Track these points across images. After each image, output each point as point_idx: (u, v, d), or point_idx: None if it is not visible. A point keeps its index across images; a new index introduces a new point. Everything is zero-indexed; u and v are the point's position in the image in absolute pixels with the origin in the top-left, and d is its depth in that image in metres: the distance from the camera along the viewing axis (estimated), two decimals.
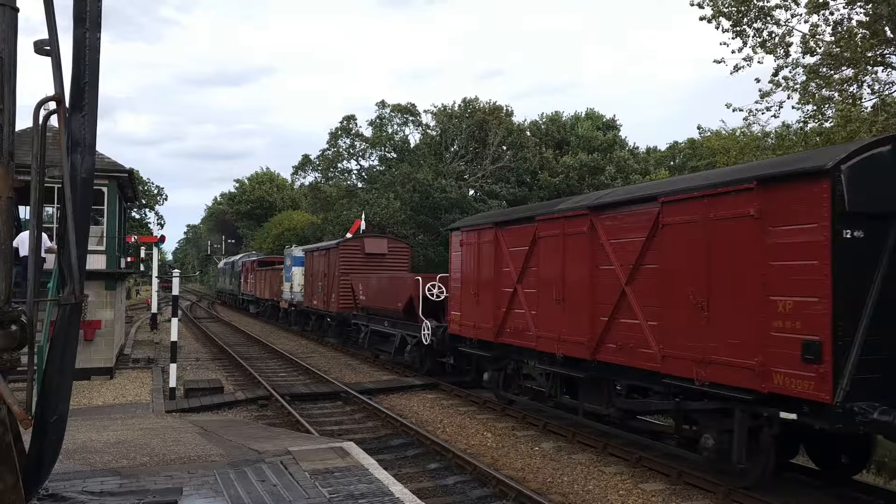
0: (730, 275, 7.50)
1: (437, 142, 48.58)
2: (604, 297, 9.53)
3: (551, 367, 10.94)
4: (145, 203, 55.88)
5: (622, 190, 11.60)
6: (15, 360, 4.30)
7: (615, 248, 9.36)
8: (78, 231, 4.49)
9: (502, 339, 12.23)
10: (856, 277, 6.55)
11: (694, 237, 7.99)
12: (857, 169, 6.62)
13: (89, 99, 4.57)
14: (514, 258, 11.83)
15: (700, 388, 7.83)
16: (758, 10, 17.11)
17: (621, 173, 46.07)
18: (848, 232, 6.57)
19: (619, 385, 9.69)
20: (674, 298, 8.24)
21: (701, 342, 7.80)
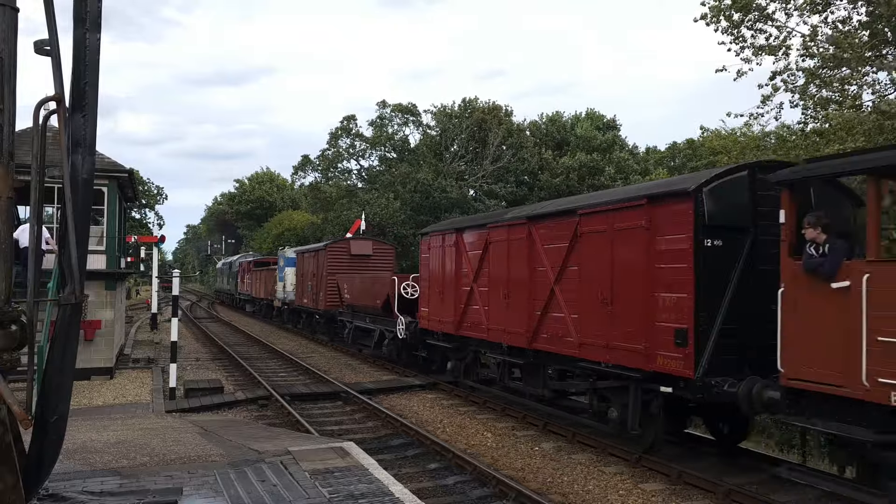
0: (627, 275, 9.06)
1: (437, 142, 48.58)
2: (538, 295, 11.05)
3: (500, 356, 12.48)
4: (145, 203, 55.89)
5: (552, 203, 13.17)
6: (15, 360, 4.30)
7: (547, 252, 10.91)
8: (78, 231, 4.49)
9: (462, 331, 13.72)
10: (715, 278, 8.03)
11: (602, 244, 9.58)
12: (716, 191, 8.18)
13: (89, 99, 4.57)
14: (472, 260, 13.39)
15: (606, 370, 9.46)
16: (758, 13, 17.13)
17: (621, 174, 46.07)
18: (709, 241, 8.09)
19: (551, 370, 11.12)
20: (589, 295, 9.81)
21: (606, 331, 9.40)
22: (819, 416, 6.63)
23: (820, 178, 7.19)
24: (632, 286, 8.96)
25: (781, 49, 17.13)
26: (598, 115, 53.30)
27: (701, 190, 8.16)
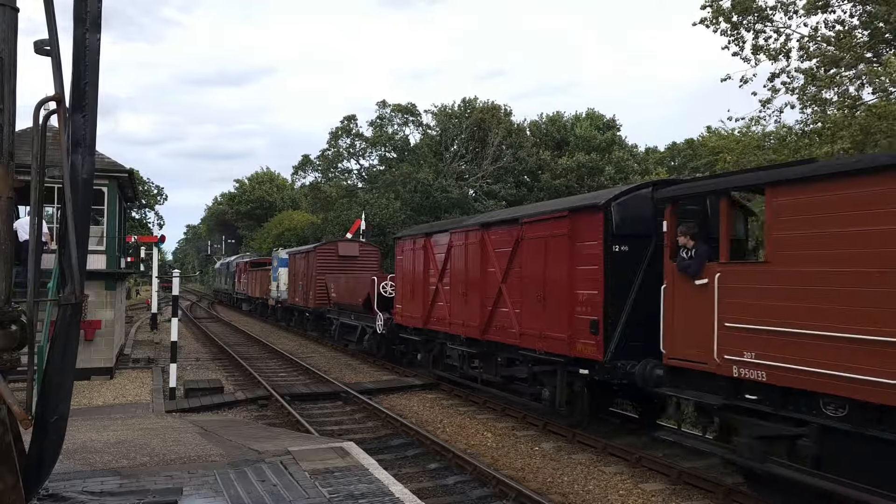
0: (556, 275, 10.53)
1: (437, 142, 48.59)
2: (489, 292, 12.58)
3: (460, 347, 14.01)
4: (145, 203, 55.90)
5: (502, 212, 15.20)
6: (15, 360, 4.30)
7: (497, 255, 12.42)
8: (78, 231, 4.48)
9: (429, 326, 15.32)
10: (621, 277, 9.46)
11: (539, 249, 11.05)
12: (622, 204, 9.63)
13: (90, 99, 4.56)
14: (437, 262, 14.90)
15: (540, 356, 10.95)
16: (757, 15, 17.15)
17: (620, 173, 46.06)
18: (616, 247, 9.56)
19: (500, 357, 12.61)
20: (528, 292, 11.29)
21: (541, 323, 10.88)
22: (688, 387, 8.06)
23: (688, 196, 8.57)
24: (559, 284, 10.50)
25: (781, 52, 17.16)
26: (597, 115, 53.28)
27: (610, 204, 9.68)
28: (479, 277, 12.95)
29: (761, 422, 7.18)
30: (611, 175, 45.21)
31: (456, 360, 14.47)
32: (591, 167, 45.08)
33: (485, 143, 46.16)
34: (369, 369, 18.47)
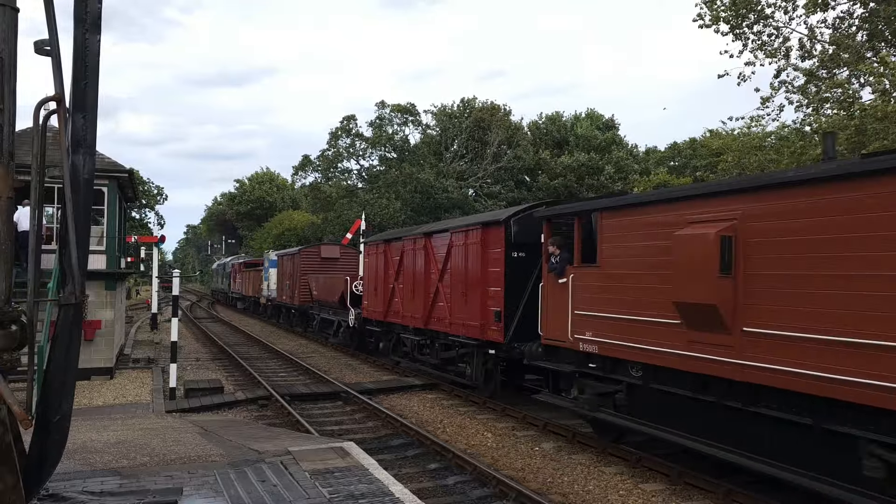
0: (474, 275, 13.19)
1: (437, 142, 48.58)
2: (430, 289, 15.14)
3: (410, 335, 16.47)
4: (145, 203, 55.90)
5: (439, 223, 17.93)
6: (15, 360, 4.30)
7: (436, 259, 15.07)
8: (79, 231, 4.48)
9: (388, 318, 17.91)
10: (518, 277, 12.01)
11: (463, 254, 13.69)
12: (519, 220, 12.24)
13: (90, 99, 4.56)
14: (394, 264, 17.50)
15: (463, 341, 13.65)
16: (756, 14, 17.14)
17: (620, 173, 46.04)
18: (515, 253, 12.12)
19: (438, 343, 15.13)
20: (456, 289, 13.94)
21: (464, 314, 13.54)
22: (556, 360, 10.56)
23: (557, 216, 10.87)
24: (475, 282, 13.12)
25: (780, 52, 17.16)
26: (597, 115, 53.28)
27: (510, 219, 12.24)
28: (424, 277, 15.58)
29: (597, 383, 9.72)
30: (610, 174, 45.19)
31: (409, 346, 16.88)
32: (591, 167, 45.08)
33: (484, 143, 46.15)
34: (369, 369, 18.47)
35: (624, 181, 45.37)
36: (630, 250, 8.93)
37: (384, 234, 20.27)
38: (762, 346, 7.01)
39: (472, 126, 46.29)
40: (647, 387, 8.74)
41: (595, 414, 9.62)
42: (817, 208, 6.53)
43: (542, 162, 47.25)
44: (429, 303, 15.11)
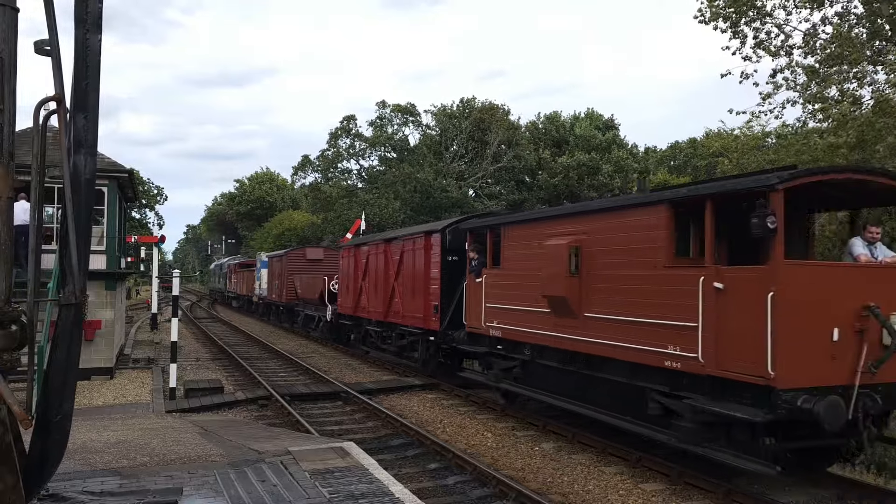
0: (419, 275, 15.71)
1: (437, 141, 48.56)
2: (388, 287, 17.71)
3: (374, 328, 19.13)
4: (145, 203, 55.90)
5: (394, 231, 21.11)
6: (15, 360, 4.29)
7: (392, 262, 17.62)
8: (80, 232, 4.48)
9: (357, 313, 20.54)
10: (452, 277, 14.42)
11: (412, 257, 16.25)
12: (452, 230, 14.82)
13: (91, 100, 4.56)
14: (361, 266, 20.26)
15: (412, 330, 16.11)
16: (755, 11, 17.11)
17: (620, 172, 46.02)
18: (449, 257, 14.61)
19: (395, 333, 17.44)
20: (407, 287, 16.47)
21: (412, 307, 16.06)
22: (475, 344, 13.23)
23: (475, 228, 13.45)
24: (420, 281, 15.60)
25: (782, 49, 17.11)
26: (597, 115, 53.27)
27: (445, 229, 14.96)
28: (384, 278, 18.12)
29: (502, 361, 12.26)
30: (609, 173, 45.17)
31: (374, 337, 19.33)
32: (591, 166, 45.08)
33: (484, 143, 46.14)
34: (369, 369, 18.48)
35: (624, 180, 45.37)
36: (521, 256, 11.49)
37: (354, 240, 23.15)
38: (598, 328, 9.46)
39: (472, 126, 46.27)
40: (534, 362, 11.43)
41: (498, 385, 12.44)
42: (620, 227, 9.17)
43: (543, 162, 47.25)
44: (387, 299, 17.77)
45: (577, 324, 9.84)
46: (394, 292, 17.26)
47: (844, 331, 7.15)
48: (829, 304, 7.16)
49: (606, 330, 9.25)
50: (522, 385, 11.89)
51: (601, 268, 9.44)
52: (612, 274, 9.22)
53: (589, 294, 9.65)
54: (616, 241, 9.22)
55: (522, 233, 11.56)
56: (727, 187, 7.82)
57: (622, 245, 9.09)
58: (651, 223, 8.57)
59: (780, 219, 7.03)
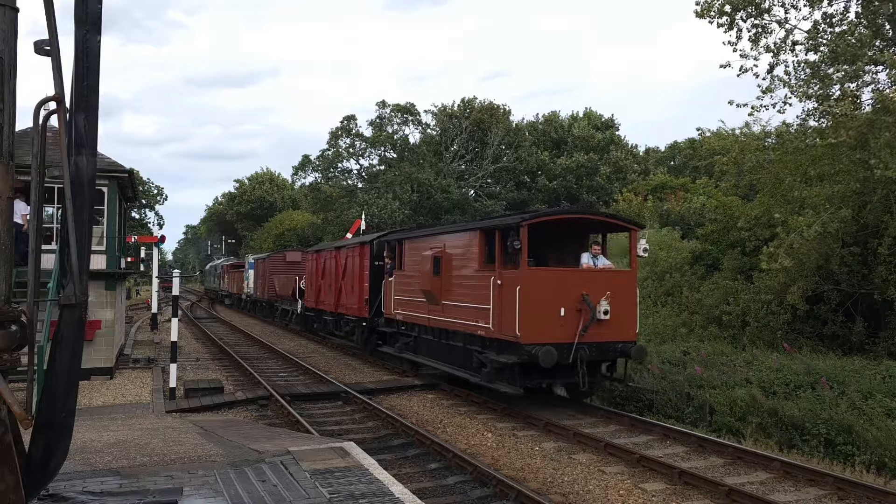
0: (357, 276, 19.88)
1: (437, 141, 48.53)
2: (337, 285, 22.06)
3: (328, 317, 23.71)
4: (145, 203, 55.90)
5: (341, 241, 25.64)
6: (15, 360, 4.29)
7: (340, 265, 21.88)
8: (81, 232, 4.47)
9: (318, 306, 25.07)
10: (377, 277, 18.39)
11: (351, 262, 20.57)
12: (378, 242, 18.69)
13: (91, 100, 4.55)
14: (320, 268, 24.54)
15: (352, 318, 20.41)
16: (754, 7, 17.10)
17: (619, 173, 45.98)
18: (376, 262, 18.52)
19: (343, 321, 21.96)
20: (350, 285, 20.69)
21: (352, 301, 20.32)
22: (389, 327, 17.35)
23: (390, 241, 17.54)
24: (357, 280, 19.98)
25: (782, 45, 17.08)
26: (595, 115, 53.23)
27: (372, 241, 19.12)
28: (335, 277, 22.42)
29: (404, 338, 16.46)
30: (606, 174, 45.12)
31: (329, 325, 23.79)
32: (589, 167, 45.05)
33: (484, 144, 46.12)
34: (369, 369, 18.47)
35: (622, 181, 45.33)
36: (412, 262, 15.72)
37: (317, 247, 28.36)
38: (450, 311, 13.75)
39: (472, 126, 46.24)
40: (420, 337, 15.71)
41: (401, 355, 16.81)
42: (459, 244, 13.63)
43: (542, 163, 47.23)
44: (337, 294, 22.14)
45: (439, 309, 14.14)
46: (341, 289, 21.86)
47: (569, 309, 11.50)
48: (558, 293, 11.51)
49: (454, 312, 13.54)
50: (416, 354, 16.10)
51: (450, 270, 13.81)
52: (456, 274, 13.65)
53: (444, 289, 13.92)
54: (457, 253, 13.66)
55: (413, 245, 15.89)
56: (503, 223, 12.11)
57: (459, 256, 13.52)
58: (472, 242, 13.00)
59: (524, 243, 11.35)
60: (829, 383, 12.86)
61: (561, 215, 13.81)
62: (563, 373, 11.59)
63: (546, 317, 11.29)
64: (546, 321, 11.27)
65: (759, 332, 18.68)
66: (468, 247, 13.16)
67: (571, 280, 11.78)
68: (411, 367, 16.83)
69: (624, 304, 11.89)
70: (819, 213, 16.30)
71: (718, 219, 25.43)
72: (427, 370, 16.08)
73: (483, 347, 12.46)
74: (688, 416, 13.37)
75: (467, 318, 12.88)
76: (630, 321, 12.12)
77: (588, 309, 11.42)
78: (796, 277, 17.50)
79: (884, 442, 10.41)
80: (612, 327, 11.73)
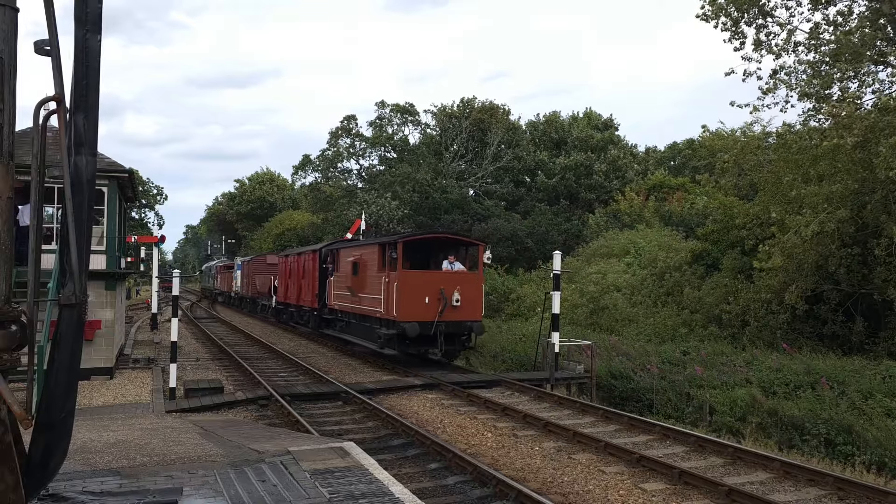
0: (311, 276, 25.38)
1: (437, 141, 48.52)
2: (298, 283, 27.06)
3: (291, 309, 28.74)
4: (145, 203, 55.93)
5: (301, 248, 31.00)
6: (15, 360, 4.29)
7: (300, 267, 27.12)
8: (81, 232, 4.47)
9: (285, 300, 29.89)
10: (324, 277, 23.77)
11: (307, 265, 26.10)
12: (324, 249, 24.76)
13: (91, 100, 4.55)
14: (287, 270, 29.50)
15: (306, 309, 26.41)
16: (758, 10, 17.11)
17: (617, 172, 45.95)
18: (322, 265, 24.16)
19: (300, 311, 27.24)
20: (305, 283, 26.17)
21: (307, 295, 25.99)
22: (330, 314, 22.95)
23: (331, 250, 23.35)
24: (310, 279, 24.88)
25: (784, 48, 17.10)
26: (595, 115, 53.22)
27: (320, 249, 24.62)
28: (296, 277, 27.57)
29: (340, 322, 21.84)
30: (604, 172, 45.07)
31: (294, 316, 28.99)
32: (587, 166, 45.05)
33: (484, 143, 46.12)
34: (369, 369, 18.47)
35: (621, 180, 45.32)
36: (342, 266, 21.04)
37: (286, 252, 34.01)
38: (363, 301, 18.82)
39: (472, 126, 46.24)
40: (349, 322, 20.77)
41: (339, 335, 21.89)
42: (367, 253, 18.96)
43: (541, 162, 47.22)
44: (298, 291, 27.34)
45: (357, 300, 19.53)
46: (300, 287, 27.01)
47: (431, 299, 16.50)
48: (424, 287, 16.60)
49: (365, 301, 18.86)
50: (346, 334, 21.26)
51: (364, 272, 19.02)
52: (367, 275, 18.77)
53: (360, 285, 19.30)
54: (366, 260, 18.95)
55: (343, 253, 21.41)
56: (389, 240, 17.70)
57: (368, 262, 18.81)
58: (374, 253, 18.46)
59: (400, 254, 16.83)
60: (829, 383, 12.87)
61: (427, 235, 19.62)
62: (430, 342, 16.87)
63: (415, 303, 16.49)
64: (415, 306, 16.49)
65: (759, 332, 18.69)
66: (371, 256, 18.55)
67: (433, 279, 17.03)
68: (344, 343, 22.59)
69: (471, 296, 17.01)
70: (817, 213, 16.31)
71: (718, 219, 25.47)
72: (359, 348, 20.73)
73: (378, 325, 17.98)
74: (688, 415, 13.39)
75: (371, 306, 18.35)
76: (476, 307, 17.12)
77: (443, 299, 16.49)
78: (795, 277, 17.51)
79: (884, 442, 10.43)
80: (462, 311, 16.79)
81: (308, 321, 26.70)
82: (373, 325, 18.33)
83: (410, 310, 16.32)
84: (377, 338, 17.85)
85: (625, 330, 22.35)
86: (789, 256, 16.51)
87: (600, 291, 26.24)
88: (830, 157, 16.65)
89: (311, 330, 26.39)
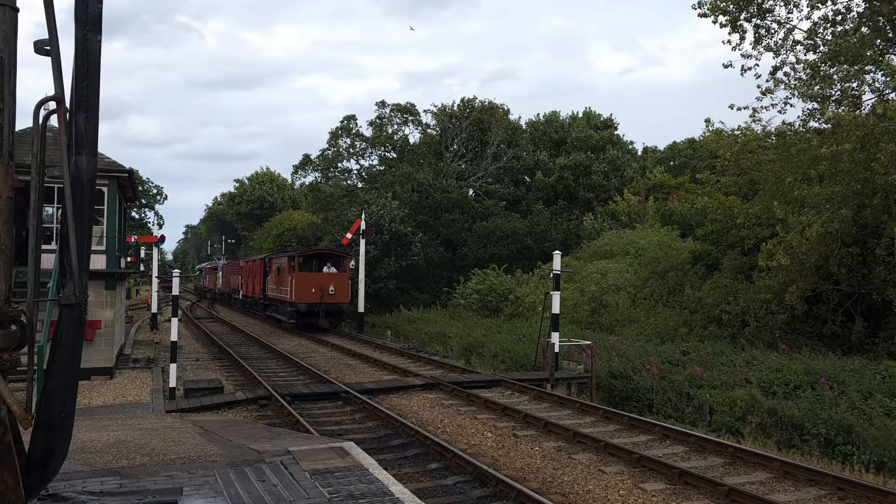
0: (259, 275, 38.00)
1: (437, 141, 48.53)
2: (253, 280, 39.98)
3: (250, 300, 41.44)
4: (145, 203, 55.96)
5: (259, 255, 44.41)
6: (15, 360, 4.29)
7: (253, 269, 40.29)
8: (80, 232, 4.47)
9: (247, 293, 41.70)
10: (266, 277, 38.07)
11: (258, 268, 38.63)
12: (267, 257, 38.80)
13: (91, 100, 4.55)
14: (250, 270, 41.03)
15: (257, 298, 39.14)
16: (756, 7, 17.12)
17: (616, 172, 45.91)
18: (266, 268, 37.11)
19: (255, 300, 39.50)
20: (257, 280, 38.66)
21: (257, 289, 38.53)
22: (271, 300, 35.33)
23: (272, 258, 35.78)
24: (259, 278, 37.41)
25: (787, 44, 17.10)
26: (594, 115, 53.21)
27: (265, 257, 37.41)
28: (252, 276, 38.72)
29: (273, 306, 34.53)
30: (602, 172, 45.04)
31: (252, 305, 39.21)
32: (586, 166, 45.02)
33: (484, 143, 46.13)
34: (369, 369, 18.47)
35: (619, 179, 45.30)
36: (274, 269, 33.31)
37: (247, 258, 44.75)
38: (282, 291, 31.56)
39: (472, 126, 46.25)
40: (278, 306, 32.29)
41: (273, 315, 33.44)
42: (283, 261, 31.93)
43: (541, 162, 47.21)
44: (252, 286, 37.51)
45: (279, 291, 31.24)
46: (254, 284, 37.44)
47: (316, 289, 28.26)
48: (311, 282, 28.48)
49: (282, 291, 30.73)
50: (276, 313, 31.79)
51: (283, 273, 30.57)
52: (283, 275, 30.46)
53: (280, 281, 30.79)
54: (283, 265, 30.90)
55: (274, 261, 33.09)
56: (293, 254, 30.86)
57: (283, 266, 30.79)
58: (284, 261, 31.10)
59: (297, 262, 29.37)
60: (829, 383, 12.86)
61: (314, 251, 31.53)
62: (316, 316, 28.39)
63: (305, 292, 28.12)
64: (305, 294, 28.13)
65: (759, 332, 18.69)
66: (285, 263, 30.67)
67: (317, 277, 28.65)
68: (277, 322, 32.70)
69: (341, 288, 28.73)
70: (820, 213, 16.31)
71: (718, 219, 25.47)
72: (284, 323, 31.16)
73: (287, 306, 29.46)
74: (687, 415, 13.40)
75: (284, 294, 29.99)
76: (344, 295, 29.16)
77: (321, 289, 27.66)
78: (795, 277, 17.51)
79: (883, 442, 10.44)
80: (336, 297, 28.38)
81: (257, 308, 38.74)
82: (285, 306, 30.28)
83: (303, 296, 28.04)
84: (285, 314, 30.52)
85: (625, 330, 22.36)
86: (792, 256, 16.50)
87: (601, 291, 26.26)
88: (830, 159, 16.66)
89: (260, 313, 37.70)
